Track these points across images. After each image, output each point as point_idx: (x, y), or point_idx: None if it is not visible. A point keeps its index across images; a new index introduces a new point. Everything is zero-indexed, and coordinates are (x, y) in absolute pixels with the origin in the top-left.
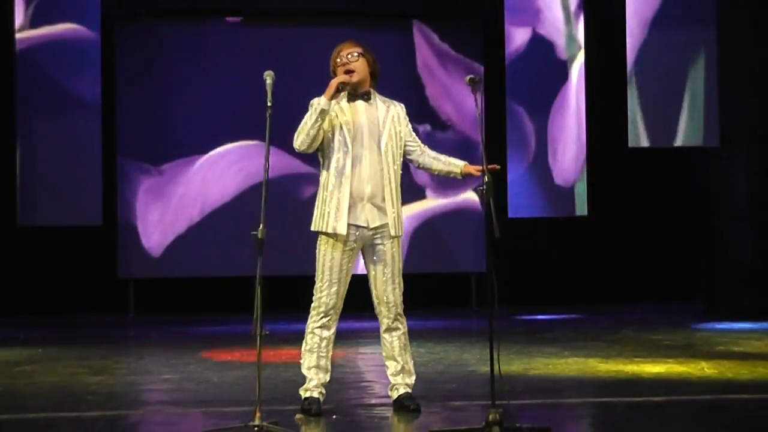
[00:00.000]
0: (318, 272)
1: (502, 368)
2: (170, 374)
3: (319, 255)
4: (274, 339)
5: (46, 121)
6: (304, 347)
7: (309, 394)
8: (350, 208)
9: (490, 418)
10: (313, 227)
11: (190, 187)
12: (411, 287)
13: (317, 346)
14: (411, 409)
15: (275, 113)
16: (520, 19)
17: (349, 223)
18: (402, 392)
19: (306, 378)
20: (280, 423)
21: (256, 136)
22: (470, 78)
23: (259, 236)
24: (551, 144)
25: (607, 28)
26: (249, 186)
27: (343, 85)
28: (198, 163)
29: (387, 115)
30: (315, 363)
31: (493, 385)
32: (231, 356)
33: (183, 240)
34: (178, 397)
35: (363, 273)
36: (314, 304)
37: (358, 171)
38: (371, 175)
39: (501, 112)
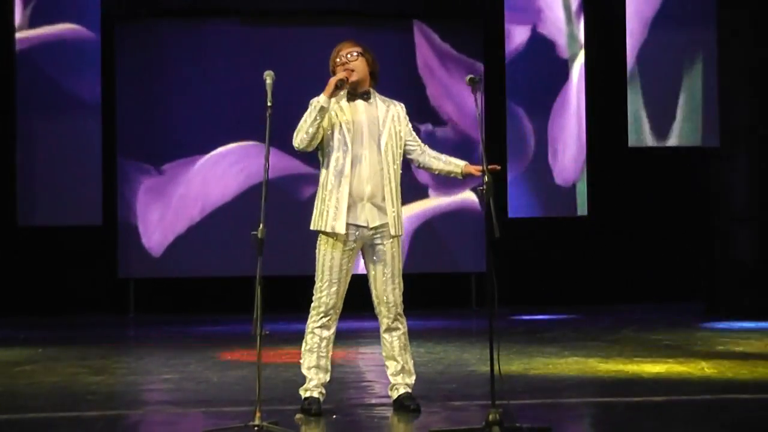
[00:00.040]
0: (318, 272)
1: (502, 368)
2: (170, 374)
3: (319, 255)
4: (274, 339)
5: (46, 121)
6: (304, 347)
7: (309, 394)
8: (350, 207)
9: (490, 418)
10: (312, 226)
11: (190, 188)
12: (411, 287)
13: (317, 345)
14: (411, 409)
15: (275, 113)
16: (520, 18)
17: (349, 222)
18: (402, 392)
19: (306, 378)
20: (280, 423)
21: (256, 137)
22: (470, 78)
23: (259, 236)
24: (551, 144)
25: (607, 28)
26: (249, 186)
27: (342, 82)
28: (198, 163)
29: (387, 114)
30: (315, 363)
31: (493, 385)
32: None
33: (183, 240)
34: (178, 397)
35: (363, 273)
36: (314, 304)
37: (357, 170)
38: (371, 175)
39: (501, 112)
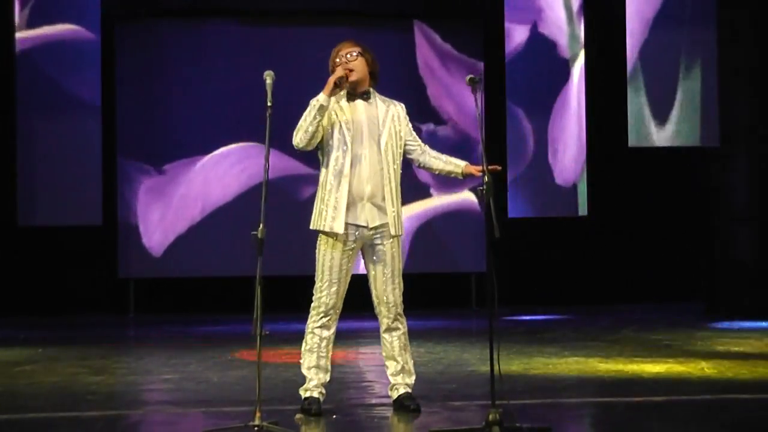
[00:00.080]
0: (318, 272)
1: (502, 368)
2: (170, 374)
3: (319, 255)
4: (274, 339)
5: (46, 121)
6: (304, 347)
7: (309, 394)
8: (350, 207)
9: (490, 418)
10: (312, 226)
11: (190, 188)
12: (411, 287)
13: (317, 346)
14: (411, 409)
15: (275, 113)
16: (521, 18)
17: (349, 222)
18: (402, 392)
19: (306, 378)
20: (280, 423)
21: (256, 137)
22: (470, 78)
23: (259, 236)
24: (551, 144)
25: (608, 28)
26: (249, 187)
27: (342, 80)
28: (199, 163)
29: (387, 114)
30: (315, 363)
31: (493, 385)
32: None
33: (183, 240)
34: (178, 397)
35: (363, 273)
36: (314, 304)
37: (357, 170)
38: (371, 175)
39: (502, 112)
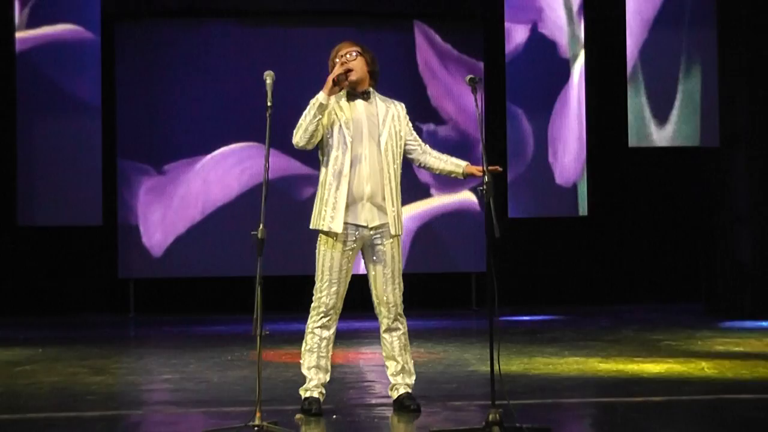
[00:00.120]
0: (318, 272)
1: (502, 368)
2: (170, 374)
3: (319, 255)
4: (274, 339)
5: (46, 122)
6: (304, 347)
7: (309, 394)
8: (350, 207)
9: (490, 418)
10: (311, 225)
11: (190, 188)
12: (411, 287)
13: (317, 346)
14: (411, 409)
15: (275, 114)
16: (521, 18)
17: (349, 222)
18: (402, 392)
19: (306, 378)
20: (280, 423)
21: (256, 137)
22: (470, 78)
23: (259, 236)
24: (552, 143)
25: (607, 28)
26: (249, 187)
27: (341, 78)
28: (199, 163)
29: (387, 114)
30: (315, 363)
31: (493, 385)
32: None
33: (183, 240)
34: (178, 397)
35: (363, 273)
36: (314, 304)
37: (357, 170)
38: (371, 174)
39: (502, 112)
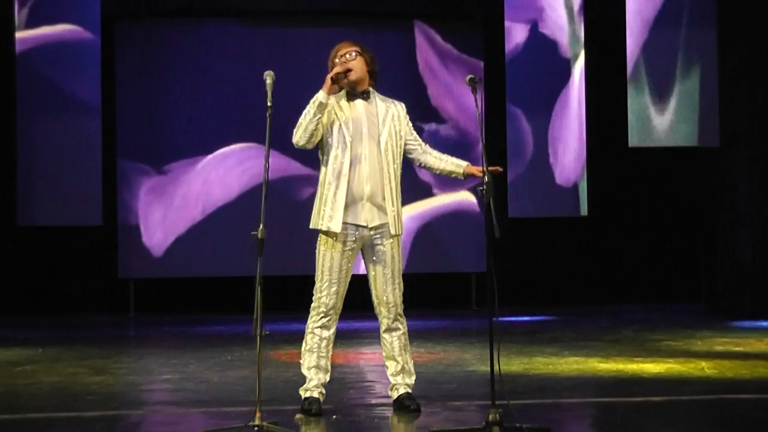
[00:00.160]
0: (318, 272)
1: (502, 368)
2: (170, 374)
3: (319, 255)
4: (274, 339)
5: (46, 122)
6: (304, 347)
7: (309, 394)
8: (349, 207)
9: (490, 418)
10: (311, 225)
11: (190, 189)
12: (411, 287)
13: (317, 346)
14: (411, 409)
15: (275, 114)
16: (522, 18)
17: (349, 222)
18: (402, 392)
19: (306, 378)
20: (280, 423)
21: (256, 138)
22: (470, 78)
23: (259, 236)
24: (552, 143)
25: (607, 28)
26: (249, 187)
27: (340, 76)
28: (200, 164)
29: (387, 113)
30: (315, 363)
31: (493, 385)
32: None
33: (183, 240)
34: (178, 397)
35: (363, 273)
36: (314, 304)
37: (357, 170)
38: (371, 174)
39: (502, 112)
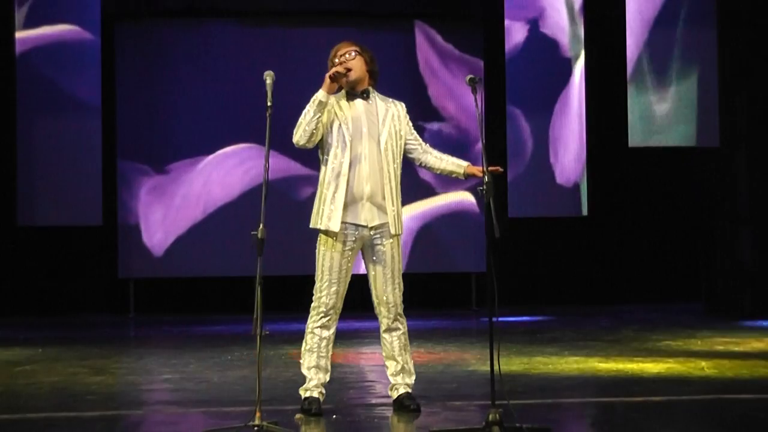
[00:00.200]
0: (318, 272)
1: (502, 368)
2: (170, 374)
3: (319, 255)
4: (274, 339)
5: (46, 122)
6: (304, 347)
7: (309, 394)
8: (349, 206)
9: (490, 418)
10: (311, 224)
11: (191, 189)
12: (411, 287)
13: (317, 346)
14: (411, 409)
15: (276, 114)
16: (522, 18)
17: (349, 222)
18: (402, 392)
19: (306, 378)
20: (280, 423)
21: (256, 138)
22: (470, 78)
23: (259, 236)
24: (553, 143)
25: (607, 28)
26: (249, 188)
27: (338, 75)
28: (199, 164)
29: (386, 113)
30: (315, 363)
31: (493, 385)
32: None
33: (183, 240)
34: (178, 397)
35: (363, 273)
36: (314, 304)
37: (357, 170)
38: (371, 174)
39: (503, 111)
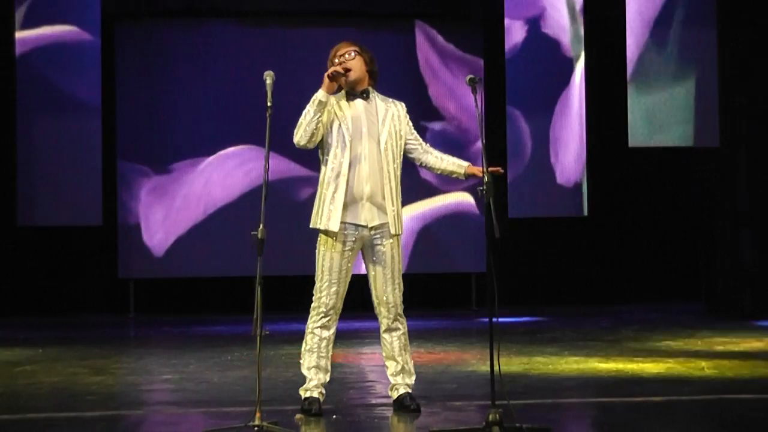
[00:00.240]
0: (318, 272)
1: (502, 368)
2: (170, 374)
3: (319, 255)
4: (274, 339)
5: (46, 122)
6: (304, 347)
7: (309, 394)
8: (349, 206)
9: (490, 418)
10: (310, 224)
11: (191, 189)
12: (411, 287)
13: (317, 346)
14: (411, 409)
15: (276, 115)
16: (523, 17)
17: (349, 222)
18: (402, 392)
19: (306, 378)
20: (280, 423)
21: (256, 138)
22: (470, 78)
23: (259, 236)
24: (553, 143)
25: (608, 28)
26: (249, 188)
27: (336, 74)
28: (200, 165)
29: (386, 113)
30: (315, 363)
31: (493, 385)
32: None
33: (183, 240)
34: (178, 397)
35: (363, 273)
36: (314, 305)
37: (357, 170)
38: (371, 174)
39: (503, 111)
